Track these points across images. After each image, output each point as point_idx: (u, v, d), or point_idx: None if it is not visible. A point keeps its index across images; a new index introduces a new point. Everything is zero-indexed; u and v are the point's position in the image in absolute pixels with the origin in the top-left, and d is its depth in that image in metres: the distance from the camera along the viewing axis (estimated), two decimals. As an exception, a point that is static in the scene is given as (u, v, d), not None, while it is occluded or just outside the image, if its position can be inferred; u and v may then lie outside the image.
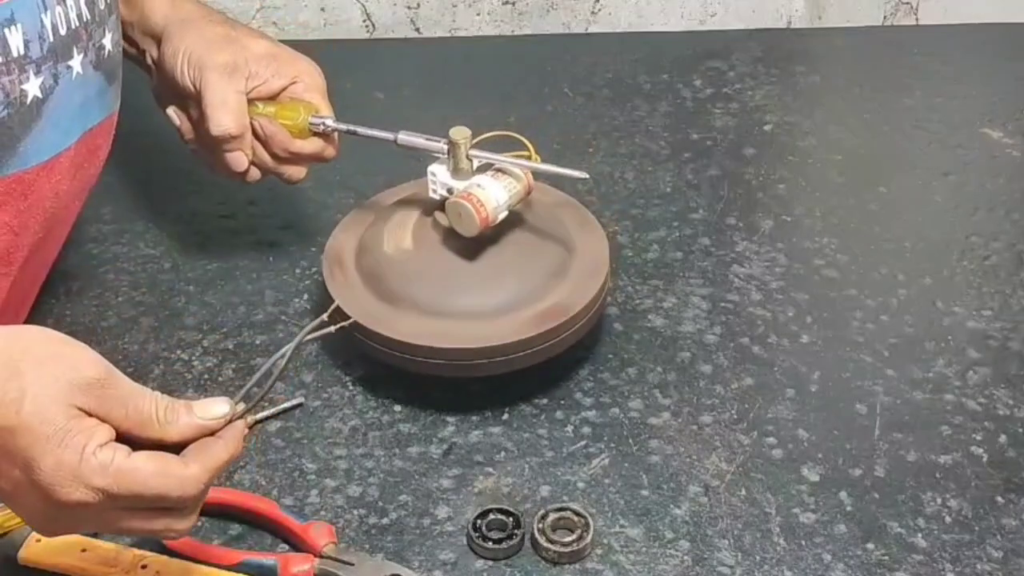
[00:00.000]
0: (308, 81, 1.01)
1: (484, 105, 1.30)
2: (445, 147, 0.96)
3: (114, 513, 0.68)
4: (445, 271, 0.95)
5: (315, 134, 1.00)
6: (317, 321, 0.75)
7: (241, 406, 0.71)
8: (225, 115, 0.97)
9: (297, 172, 1.02)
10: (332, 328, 0.77)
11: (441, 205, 0.96)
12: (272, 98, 1.00)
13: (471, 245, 0.95)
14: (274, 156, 1.00)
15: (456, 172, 0.95)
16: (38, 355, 0.67)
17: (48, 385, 0.66)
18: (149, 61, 1.03)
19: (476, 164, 0.95)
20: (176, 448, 0.69)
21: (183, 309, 1.05)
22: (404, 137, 0.99)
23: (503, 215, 0.94)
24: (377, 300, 0.94)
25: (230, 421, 0.70)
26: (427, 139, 0.98)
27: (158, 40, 1.01)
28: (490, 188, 0.93)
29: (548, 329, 0.93)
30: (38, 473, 0.66)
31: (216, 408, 0.70)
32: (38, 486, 0.66)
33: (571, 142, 1.25)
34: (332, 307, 0.78)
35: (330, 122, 1.00)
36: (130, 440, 0.68)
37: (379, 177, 1.17)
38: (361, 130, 1.00)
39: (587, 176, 0.96)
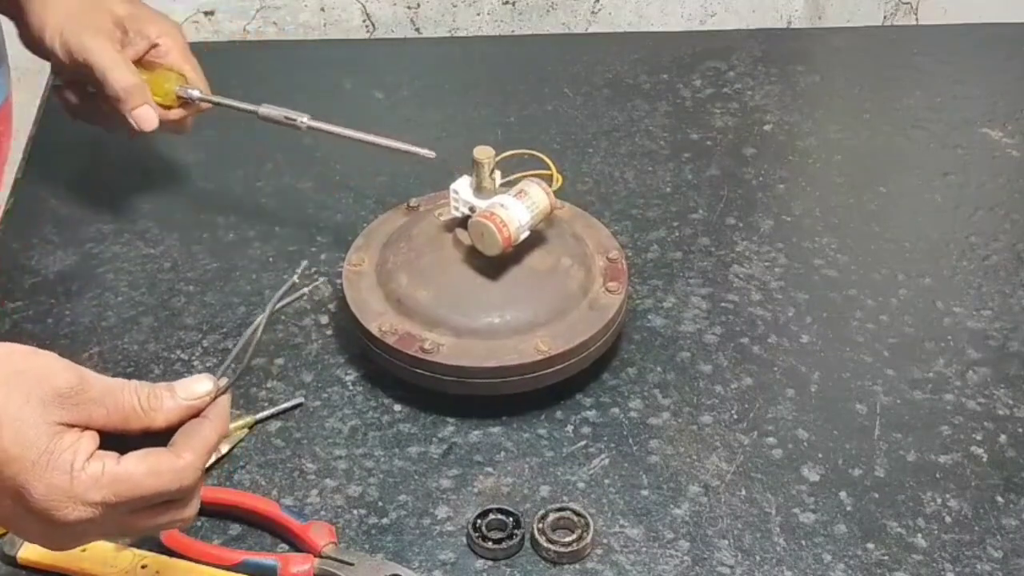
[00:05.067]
0: (170, 41, 1.04)
1: (484, 105, 1.30)
2: (305, 122, 1.03)
3: (118, 519, 0.67)
4: (465, 288, 0.95)
5: (181, 104, 1.04)
6: (287, 285, 0.75)
7: (223, 380, 0.70)
8: (124, 73, 1.00)
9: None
10: (305, 290, 0.77)
11: (462, 222, 0.96)
12: (137, 61, 1.03)
13: (492, 263, 0.95)
14: None
15: (479, 191, 0.95)
16: (4, 375, 0.65)
17: (22, 407, 0.64)
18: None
19: (499, 183, 0.96)
20: (165, 433, 0.68)
21: (183, 309, 1.05)
22: (265, 110, 1.04)
23: (525, 235, 0.94)
24: (402, 318, 0.95)
25: (214, 398, 0.69)
26: (287, 114, 1.04)
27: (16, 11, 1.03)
28: (513, 208, 0.93)
29: (573, 346, 0.93)
30: (32, 500, 0.64)
31: (199, 386, 0.69)
32: (34, 512, 0.65)
33: (571, 142, 1.25)
34: (300, 269, 0.77)
35: (196, 93, 1.04)
36: (118, 436, 0.66)
37: (380, 178, 1.17)
38: (225, 101, 1.05)
39: (433, 154, 0.98)
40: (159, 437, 0.67)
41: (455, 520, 0.88)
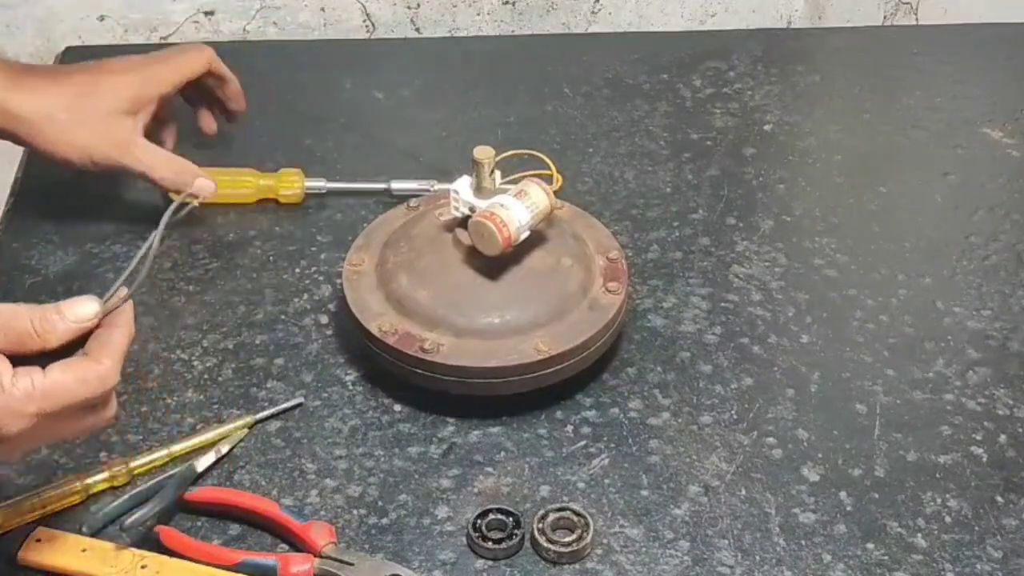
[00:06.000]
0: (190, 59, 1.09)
1: (484, 105, 1.30)
2: (433, 185, 1.12)
3: (51, 428, 0.71)
4: (465, 288, 0.95)
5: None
6: (180, 199, 0.79)
7: (123, 291, 0.74)
8: (169, 173, 1.05)
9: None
10: (195, 202, 0.82)
11: (462, 222, 0.96)
12: (174, 89, 1.08)
13: (492, 263, 0.95)
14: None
15: (479, 191, 0.95)
16: None
17: None
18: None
19: (499, 183, 0.96)
20: (59, 352, 0.71)
21: (183, 309, 1.05)
22: (397, 184, 1.14)
23: (525, 235, 0.94)
24: (402, 318, 0.95)
25: (117, 307, 0.73)
26: (417, 185, 1.13)
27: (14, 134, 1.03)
28: (513, 208, 0.93)
29: (573, 346, 0.93)
30: None
31: (84, 309, 0.72)
32: None
33: (571, 142, 1.25)
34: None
35: (325, 186, 1.14)
36: (13, 358, 0.70)
37: (379, 178, 1.17)
38: (354, 186, 1.15)
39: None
40: (52, 357, 0.71)
41: (455, 520, 0.88)
